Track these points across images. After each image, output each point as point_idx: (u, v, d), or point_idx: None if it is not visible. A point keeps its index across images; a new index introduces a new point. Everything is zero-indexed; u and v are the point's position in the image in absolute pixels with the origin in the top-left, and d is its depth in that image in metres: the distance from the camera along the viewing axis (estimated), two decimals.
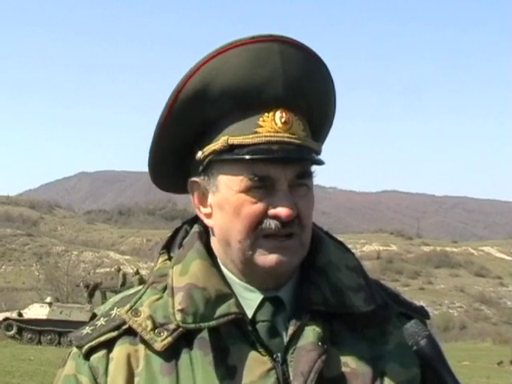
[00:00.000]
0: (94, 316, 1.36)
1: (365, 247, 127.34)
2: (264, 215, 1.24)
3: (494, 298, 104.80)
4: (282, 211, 1.23)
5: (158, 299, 1.30)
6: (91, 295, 28.28)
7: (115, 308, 1.32)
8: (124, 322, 1.28)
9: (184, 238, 1.37)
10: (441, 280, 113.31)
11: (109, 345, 1.28)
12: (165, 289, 1.30)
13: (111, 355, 1.27)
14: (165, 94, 1.29)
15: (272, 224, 1.24)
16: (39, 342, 24.93)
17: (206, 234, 1.35)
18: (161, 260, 1.37)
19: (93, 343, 1.28)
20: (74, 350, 1.32)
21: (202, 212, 1.33)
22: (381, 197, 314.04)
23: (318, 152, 1.31)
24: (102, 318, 1.32)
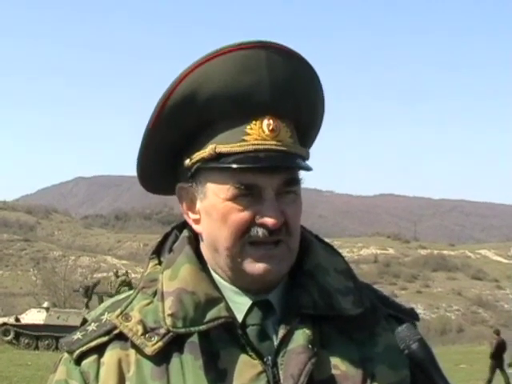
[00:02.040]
0: (84, 321, 1.36)
1: (362, 251, 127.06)
2: (251, 223, 1.25)
3: (491, 301, 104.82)
4: (269, 221, 1.24)
5: (149, 304, 1.30)
6: (90, 296, 28.19)
7: (106, 313, 1.33)
8: (115, 327, 1.29)
9: (174, 242, 1.37)
10: (438, 283, 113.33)
11: (100, 350, 1.28)
12: (155, 293, 1.30)
13: (102, 360, 1.27)
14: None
15: (260, 232, 1.25)
16: (36, 347, 24.92)
17: (195, 238, 1.36)
18: (151, 265, 1.37)
19: (83, 348, 1.28)
20: (65, 355, 1.32)
21: (190, 218, 1.34)
22: (378, 200, 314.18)
23: (306, 158, 1.31)
24: (92, 323, 1.32)
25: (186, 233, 1.37)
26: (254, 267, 1.26)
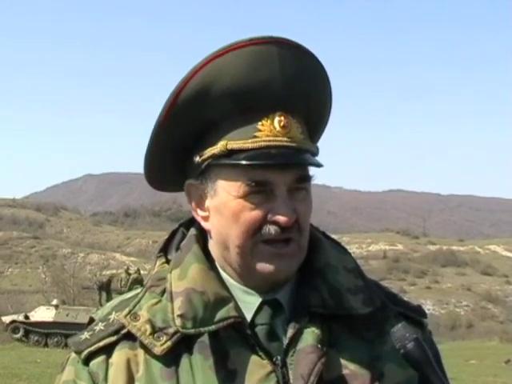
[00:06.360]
0: (91, 321, 1.34)
1: (371, 247, 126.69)
2: (263, 221, 1.24)
3: (501, 297, 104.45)
4: (281, 218, 1.23)
5: (157, 303, 1.29)
6: (109, 293, 28.15)
7: (113, 312, 1.31)
8: (123, 327, 1.27)
9: (181, 240, 1.36)
10: (447, 279, 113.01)
11: (108, 350, 1.27)
12: (163, 292, 1.29)
13: (111, 360, 1.26)
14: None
15: (272, 230, 1.24)
16: (46, 345, 24.90)
17: (202, 236, 1.35)
18: (158, 263, 1.36)
19: (92, 348, 1.27)
20: (72, 355, 1.30)
21: (199, 215, 1.33)
22: (386, 196, 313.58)
23: (316, 154, 1.30)
24: (100, 323, 1.31)
25: (193, 231, 1.35)
26: (265, 266, 1.25)
